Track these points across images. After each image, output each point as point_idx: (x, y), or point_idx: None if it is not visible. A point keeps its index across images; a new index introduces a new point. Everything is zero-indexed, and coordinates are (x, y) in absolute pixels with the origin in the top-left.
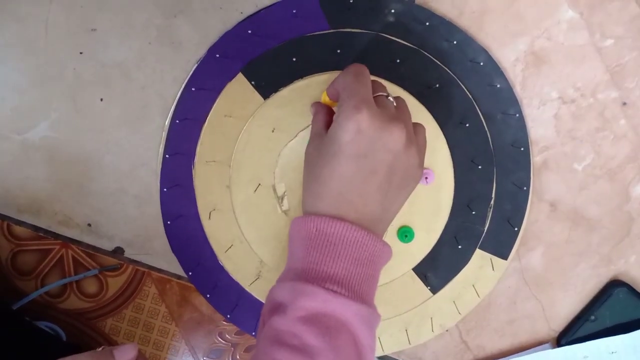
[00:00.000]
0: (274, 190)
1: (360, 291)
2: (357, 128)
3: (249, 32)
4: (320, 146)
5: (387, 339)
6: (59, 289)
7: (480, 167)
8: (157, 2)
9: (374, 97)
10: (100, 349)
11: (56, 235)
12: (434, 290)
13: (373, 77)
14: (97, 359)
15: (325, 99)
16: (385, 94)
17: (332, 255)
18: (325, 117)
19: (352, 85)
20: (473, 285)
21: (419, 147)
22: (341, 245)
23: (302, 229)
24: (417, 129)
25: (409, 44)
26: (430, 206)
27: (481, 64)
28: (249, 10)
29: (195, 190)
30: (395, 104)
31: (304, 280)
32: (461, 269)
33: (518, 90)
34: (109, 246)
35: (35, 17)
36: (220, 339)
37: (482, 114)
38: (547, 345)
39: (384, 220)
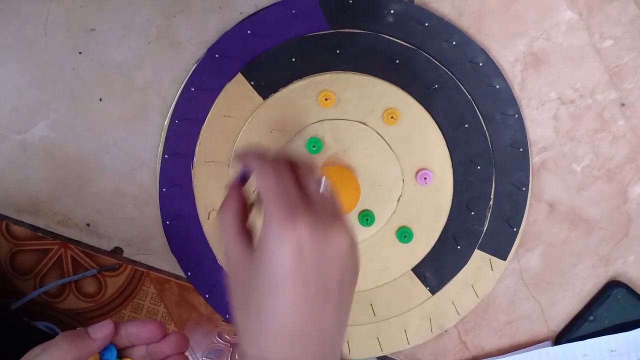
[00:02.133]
0: None
1: None
2: (297, 248)
3: (249, 32)
4: (248, 272)
5: (385, 339)
6: (58, 289)
7: (479, 167)
8: (157, 2)
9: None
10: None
11: (55, 235)
12: (433, 291)
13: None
14: (72, 338)
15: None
16: (315, 180)
17: None
18: (235, 219)
19: (275, 190)
20: (472, 286)
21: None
22: None
23: None
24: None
25: (408, 45)
26: (429, 207)
27: (480, 64)
28: (248, 10)
29: (194, 191)
30: (325, 187)
31: None
32: (460, 269)
33: (517, 90)
34: (107, 246)
35: (34, 16)
36: (219, 339)
37: (481, 115)
38: (547, 343)
39: (341, 337)
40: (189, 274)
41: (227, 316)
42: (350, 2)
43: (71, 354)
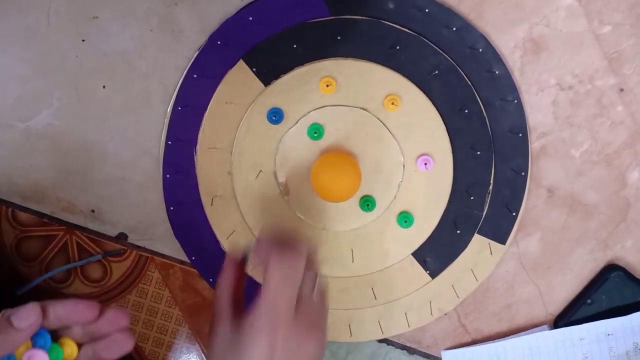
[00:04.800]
0: (275, 176)
1: None
2: (269, 351)
3: (250, 19)
4: (227, 350)
5: (386, 322)
6: (64, 275)
7: (479, 153)
8: None
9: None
10: None
11: (60, 222)
12: (433, 275)
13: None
14: None
15: None
16: (310, 292)
17: None
18: (231, 295)
19: (276, 291)
20: (471, 270)
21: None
22: None
23: None
24: (325, 299)
25: (408, 31)
26: (429, 192)
27: (480, 50)
28: None
29: (197, 177)
30: (317, 290)
31: None
32: (460, 253)
33: (517, 76)
34: (112, 232)
35: (37, 5)
36: None
37: (481, 101)
38: (544, 326)
39: None
40: (193, 258)
41: None
42: None
43: None
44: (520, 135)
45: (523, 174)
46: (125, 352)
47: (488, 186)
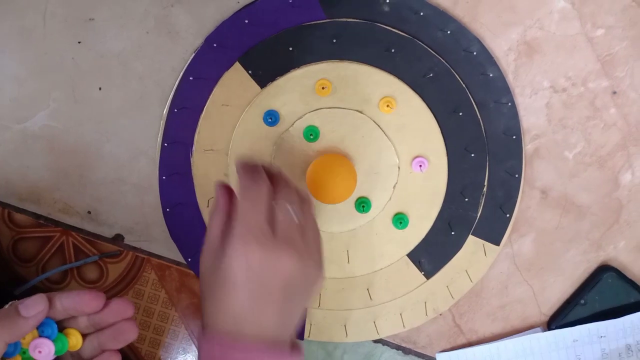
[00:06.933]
0: None
1: None
2: (246, 265)
3: (246, 21)
4: (214, 267)
5: (382, 323)
6: (60, 276)
7: (473, 155)
8: None
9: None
10: (7, 305)
11: (57, 223)
12: (428, 276)
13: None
14: (1, 320)
15: None
16: (285, 212)
17: None
18: (222, 219)
19: (243, 206)
20: (466, 271)
21: (315, 255)
22: None
23: (205, 350)
24: (308, 222)
25: (403, 34)
26: (424, 193)
27: (474, 53)
28: None
29: (193, 179)
30: (293, 211)
31: None
32: (454, 254)
33: (510, 79)
34: (109, 233)
35: (33, 7)
36: None
37: (475, 103)
38: (538, 329)
39: (286, 327)
40: (189, 260)
41: None
42: None
43: (1, 337)
44: (514, 137)
45: (517, 175)
46: (130, 341)
47: (482, 188)
